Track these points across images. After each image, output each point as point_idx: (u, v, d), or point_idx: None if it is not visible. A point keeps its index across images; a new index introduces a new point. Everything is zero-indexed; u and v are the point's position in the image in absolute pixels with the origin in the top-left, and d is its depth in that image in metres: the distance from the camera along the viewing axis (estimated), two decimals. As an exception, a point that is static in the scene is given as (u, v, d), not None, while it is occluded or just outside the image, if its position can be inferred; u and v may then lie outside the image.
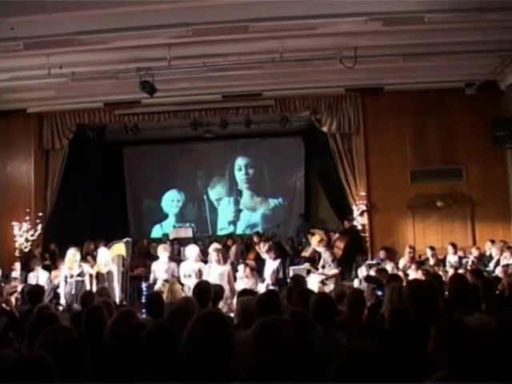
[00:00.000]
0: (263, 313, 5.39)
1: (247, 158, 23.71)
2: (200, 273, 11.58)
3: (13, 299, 11.25)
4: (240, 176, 23.86)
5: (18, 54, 12.07)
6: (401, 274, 11.57)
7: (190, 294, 10.02)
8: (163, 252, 12.48)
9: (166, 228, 23.16)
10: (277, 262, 12.98)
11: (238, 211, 23.91)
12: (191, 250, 12.15)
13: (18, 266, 15.09)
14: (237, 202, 23.91)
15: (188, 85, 15.25)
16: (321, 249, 12.55)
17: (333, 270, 12.03)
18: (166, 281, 11.68)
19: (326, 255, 12.28)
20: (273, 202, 23.61)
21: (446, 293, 7.60)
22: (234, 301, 9.00)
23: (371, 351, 3.24)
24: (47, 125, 17.48)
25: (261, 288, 11.99)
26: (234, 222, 23.82)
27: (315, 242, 12.71)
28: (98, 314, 5.79)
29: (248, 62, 13.41)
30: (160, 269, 12.11)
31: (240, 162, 23.79)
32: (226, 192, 23.92)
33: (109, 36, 11.55)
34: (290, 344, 3.67)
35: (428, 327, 3.94)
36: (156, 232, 23.37)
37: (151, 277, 12.42)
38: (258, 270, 14.38)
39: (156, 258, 12.93)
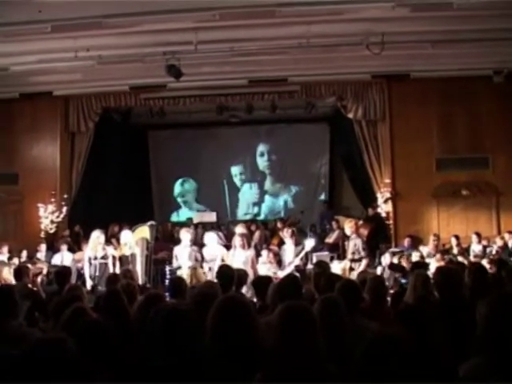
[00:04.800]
0: (283, 298, 5.36)
1: (270, 143, 23.67)
2: (222, 257, 11.67)
3: (38, 280, 11.37)
4: (262, 162, 23.86)
5: (46, 37, 12.14)
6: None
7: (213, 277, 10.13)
8: (185, 235, 12.43)
9: (182, 214, 23.60)
10: (310, 244, 12.82)
11: (262, 194, 23.96)
12: (210, 237, 12.29)
13: (43, 247, 15.27)
14: (260, 186, 23.95)
15: (214, 69, 15.23)
16: (353, 235, 12.50)
17: (363, 261, 12.00)
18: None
19: (357, 241, 12.23)
20: (295, 188, 23.62)
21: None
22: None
23: (398, 337, 3.23)
24: (73, 108, 17.55)
25: (283, 273, 11.97)
26: (257, 204, 23.94)
27: (349, 226, 12.64)
28: (115, 298, 5.81)
29: (274, 47, 13.40)
30: (183, 254, 12.08)
31: (262, 148, 23.78)
32: (248, 177, 23.97)
33: (136, 19, 11.59)
34: (315, 331, 3.66)
35: (453, 314, 3.92)
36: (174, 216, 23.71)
37: (174, 262, 12.39)
38: (281, 256, 14.38)
39: (180, 241, 12.88)
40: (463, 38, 13.25)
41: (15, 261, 13.37)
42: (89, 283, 11.53)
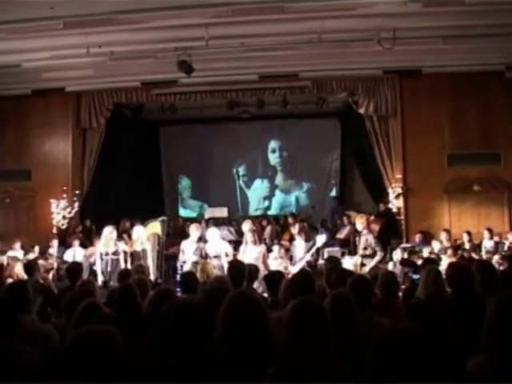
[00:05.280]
0: (296, 294, 5.37)
1: (281, 140, 23.71)
2: (226, 253, 11.68)
3: (50, 275, 11.42)
4: (274, 159, 23.88)
5: (58, 33, 12.22)
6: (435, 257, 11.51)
7: (220, 273, 10.15)
8: (195, 231, 12.25)
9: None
10: (322, 240, 12.77)
11: (273, 188, 23.98)
12: (212, 233, 12.27)
13: (55, 242, 15.31)
14: (271, 180, 23.97)
15: (225, 65, 15.22)
16: (364, 230, 12.42)
17: (378, 255, 11.90)
18: (195, 263, 11.57)
19: (369, 237, 12.15)
20: (307, 184, 23.60)
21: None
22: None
23: (409, 333, 3.24)
24: (85, 103, 17.62)
25: (294, 269, 11.97)
26: (268, 198, 23.96)
27: (360, 221, 12.53)
28: (129, 292, 5.82)
29: (286, 43, 13.39)
30: (189, 249, 12.03)
31: (274, 144, 23.81)
32: (259, 173, 23.98)
33: (147, 15, 11.63)
34: (327, 327, 3.67)
35: (465, 310, 3.91)
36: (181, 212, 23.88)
37: (180, 256, 12.37)
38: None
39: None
40: (475, 34, 13.20)
41: (30, 256, 13.41)
42: (100, 279, 11.55)
